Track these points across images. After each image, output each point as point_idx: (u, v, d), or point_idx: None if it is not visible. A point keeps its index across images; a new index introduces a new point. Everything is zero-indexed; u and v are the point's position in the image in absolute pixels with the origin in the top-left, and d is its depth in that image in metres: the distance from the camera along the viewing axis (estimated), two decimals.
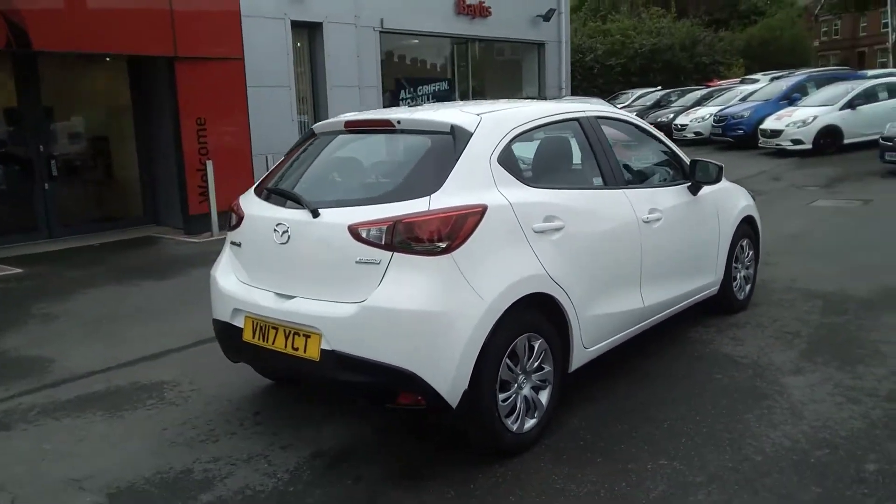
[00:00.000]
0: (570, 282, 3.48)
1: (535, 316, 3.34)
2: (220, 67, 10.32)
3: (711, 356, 4.49)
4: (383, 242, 3.07)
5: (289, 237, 3.35)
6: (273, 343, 3.39)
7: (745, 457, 3.23)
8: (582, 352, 3.67)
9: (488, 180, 3.29)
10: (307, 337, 3.24)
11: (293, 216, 3.38)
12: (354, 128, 3.82)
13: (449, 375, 3.01)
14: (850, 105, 16.15)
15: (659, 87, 25.22)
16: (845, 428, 3.45)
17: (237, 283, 3.66)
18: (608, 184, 3.99)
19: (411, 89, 15.13)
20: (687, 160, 4.70)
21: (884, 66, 42.17)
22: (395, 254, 3.05)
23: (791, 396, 3.83)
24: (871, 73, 21.58)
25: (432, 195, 3.13)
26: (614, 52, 30.00)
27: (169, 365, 4.88)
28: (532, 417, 3.40)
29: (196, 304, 6.30)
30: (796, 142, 15.76)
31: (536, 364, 3.40)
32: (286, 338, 3.33)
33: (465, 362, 3.04)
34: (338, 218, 3.22)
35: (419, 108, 3.84)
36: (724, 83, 25.07)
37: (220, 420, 3.92)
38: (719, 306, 5.13)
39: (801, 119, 16.03)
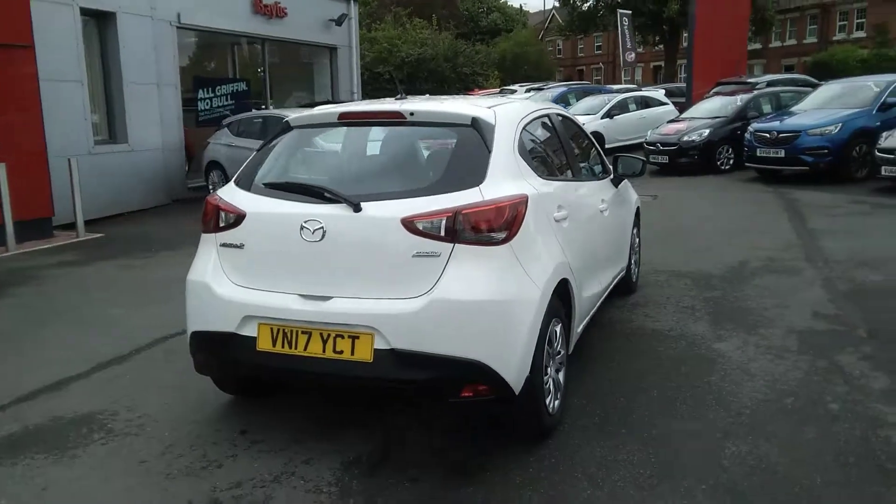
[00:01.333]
0: (575, 267, 3.68)
1: (557, 301, 3.49)
2: (7, 55, 8.93)
3: (642, 332, 4.96)
4: (443, 234, 3.01)
5: (324, 234, 3.13)
6: (305, 349, 3.14)
7: (738, 411, 3.68)
8: (575, 334, 3.89)
9: (517, 171, 3.37)
10: (354, 338, 3.06)
11: (328, 211, 3.16)
12: (351, 119, 3.65)
13: (515, 363, 3.05)
14: (609, 115, 18.43)
15: (427, 95, 26.39)
16: (791, 378, 4.06)
17: (242, 289, 3.31)
18: (575, 176, 4.27)
19: (209, 89, 14.24)
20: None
21: (599, 82, 49.27)
22: (456, 245, 3.01)
23: (732, 359, 4.39)
24: (615, 87, 24.72)
25: (481, 186, 3.14)
26: (382, 59, 30.78)
27: (79, 394, 4.22)
28: (556, 398, 3.54)
29: (58, 325, 5.52)
30: None
31: (557, 347, 3.55)
32: (324, 342, 3.11)
33: (528, 349, 3.09)
34: (385, 211, 3.09)
35: (408, 100, 3.77)
36: (483, 92, 26.93)
37: (205, 444, 3.51)
38: (622, 288, 5.66)
39: None
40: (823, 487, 2.96)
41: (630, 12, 31.85)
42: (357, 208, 3.10)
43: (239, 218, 3.35)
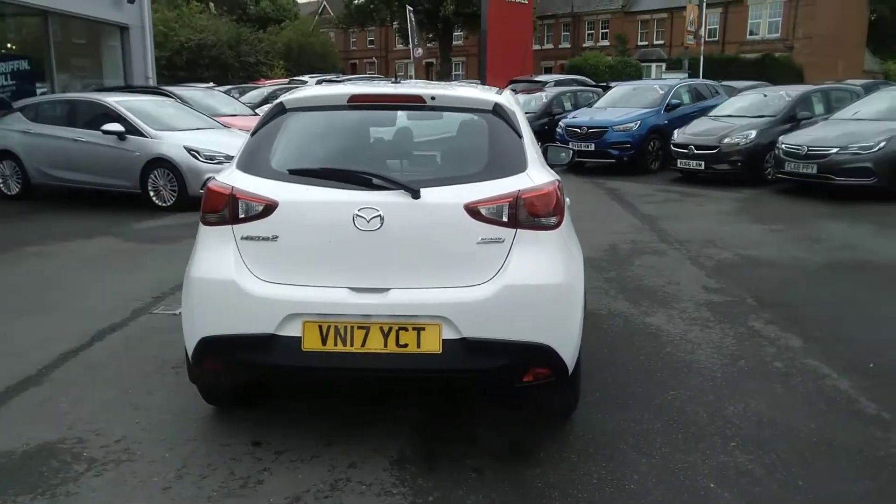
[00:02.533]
0: None
1: None
2: None
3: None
4: (506, 220, 3.01)
5: (382, 222, 2.96)
6: (363, 345, 2.96)
7: (710, 376, 4.09)
8: None
9: (540, 158, 3.45)
10: (420, 330, 2.94)
11: (386, 199, 2.99)
12: (365, 103, 3.45)
13: (573, 344, 3.13)
14: None
15: (211, 84, 24.98)
16: (729, 344, 4.58)
17: (279, 285, 3.02)
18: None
19: None
20: None
21: (372, 76, 50.19)
22: (518, 230, 3.03)
23: (670, 332, 4.84)
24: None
25: (527, 172, 3.17)
26: (157, 44, 28.49)
27: (27, 422, 3.54)
28: None
29: None
30: None
31: None
32: (384, 336, 2.95)
33: (580, 331, 3.20)
34: (446, 198, 3.00)
35: (407, 83, 3.65)
36: (270, 82, 26.09)
37: (223, 461, 3.16)
38: None
39: None
40: (821, 432, 3.41)
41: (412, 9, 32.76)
42: (416, 195, 2.98)
43: (269, 208, 3.04)
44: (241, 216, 3.08)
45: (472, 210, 2.99)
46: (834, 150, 9.94)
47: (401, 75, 4.90)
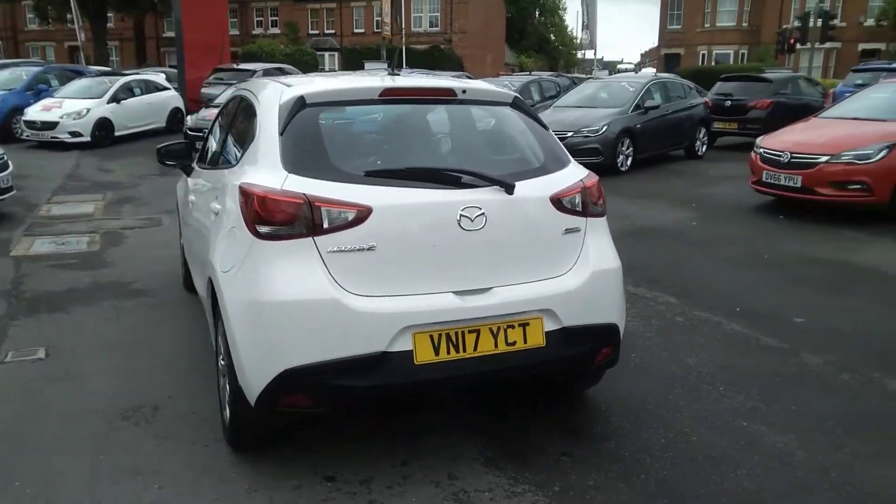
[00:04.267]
0: None
1: None
2: None
3: None
4: (580, 209, 3.13)
5: (485, 220, 2.85)
6: (476, 349, 2.85)
7: (689, 342, 4.64)
8: None
9: None
10: (524, 325, 2.94)
11: (485, 196, 2.89)
12: (398, 97, 3.21)
13: (623, 322, 3.37)
14: (116, 99, 16.90)
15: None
16: (674, 304, 5.21)
17: (384, 298, 2.75)
18: None
19: None
20: None
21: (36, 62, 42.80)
22: (588, 218, 3.17)
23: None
24: (95, 69, 22.47)
25: (573, 163, 3.32)
26: None
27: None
28: None
29: None
30: (75, 134, 15.57)
31: None
32: (494, 336, 2.88)
33: None
34: (534, 191, 3.01)
35: (410, 74, 3.47)
36: None
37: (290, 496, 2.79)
38: None
39: (75, 111, 15.85)
40: (807, 381, 4.04)
41: None
42: (511, 190, 2.94)
43: (362, 215, 2.74)
44: (327, 227, 2.72)
45: (556, 202, 3.06)
46: (570, 134, 11.39)
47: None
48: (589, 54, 58.59)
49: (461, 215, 2.84)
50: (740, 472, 3.04)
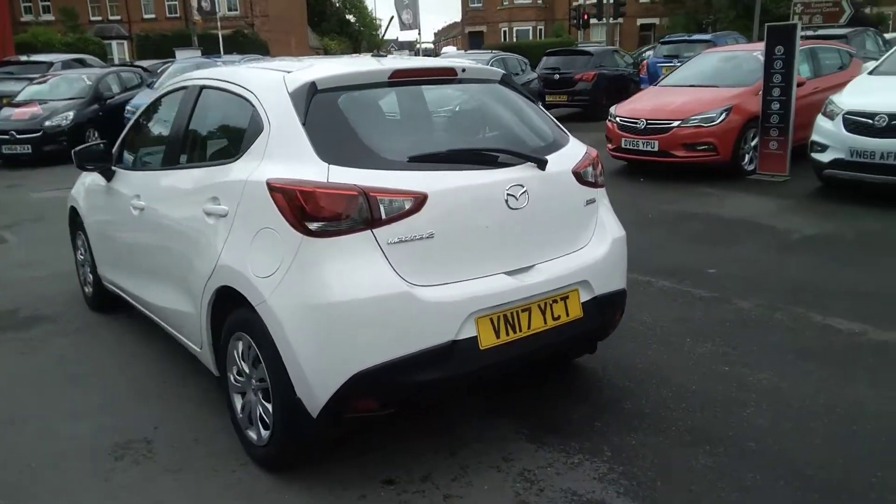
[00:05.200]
0: None
1: None
2: None
3: None
4: (593, 181, 3.26)
5: (528, 198, 2.88)
6: (529, 328, 2.89)
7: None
8: None
9: None
10: (565, 299, 3.02)
11: (525, 173, 2.92)
12: (405, 78, 3.11)
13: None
14: None
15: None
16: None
17: (446, 286, 2.70)
18: None
19: None
20: None
21: None
22: (598, 189, 3.30)
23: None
24: None
25: (571, 136, 3.43)
26: None
27: None
28: None
29: None
30: None
31: None
32: (543, 312, 2.94)
33: None
34: (560, 165, 3.09)
35: (389, 57, 3.36)
36: None
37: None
38: None
39: None
40: (750, 323, 4.56)
41: None
42: (543, 165, 2.99)
43: (419, 202, 2.65)
44: (385, 217, 2.61)
45: (578, 175, 3.16)
46: None
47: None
48: (393, 34, 59.04)
49: (508, 194, 2.86)
50: (749, 411, 3.36)
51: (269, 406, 2.85)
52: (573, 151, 3.26)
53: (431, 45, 73.15)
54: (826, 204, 7.48)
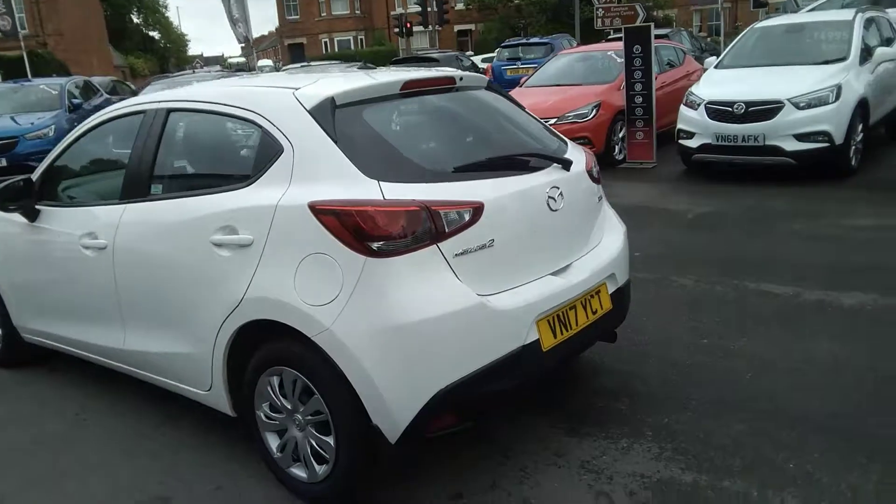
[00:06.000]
0: None
1: None
2: None
3: None
4: (597, 177, 3.37)
5: (563, 199, 2.92)
6: (576, 325, 2.93)
7: None
8: None
9: None
10: (598, 293, 3.10)
11: (557, 175, 2.97)
12: (415, 89, 3.01)
13: None
14: None
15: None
16: None
17: (509, 293, 2.67)
18: None
19: None
20: None
21: None
22: (600, 185, 3.42)
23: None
24: None
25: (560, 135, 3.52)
26: None
27: None
28: None
29: None
30: None
31: None
32: (584, 309, 3.00)
33: None
34: (578, 165, 3.15)
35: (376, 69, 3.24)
36: None
37: None
38: None
39: None
40: (702, 299, 4.86)
41: None
42: (568, 166, 3.04)
43: (477, 212, 2.59)
44: (448, 230, 2.53)
45: (590, 173, 3.26)
46: None
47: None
48: (197, 49, 56.61)
49: (548, 196, 2.88)
50: (748, 376, 3.62)
51: (330, 439, 2.67)
52: (576, 151, 3.35)
53: (243, 59, 70.83)
54: (699, 185, 8.20)
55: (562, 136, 3.51)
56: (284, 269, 2.62)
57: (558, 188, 2.95)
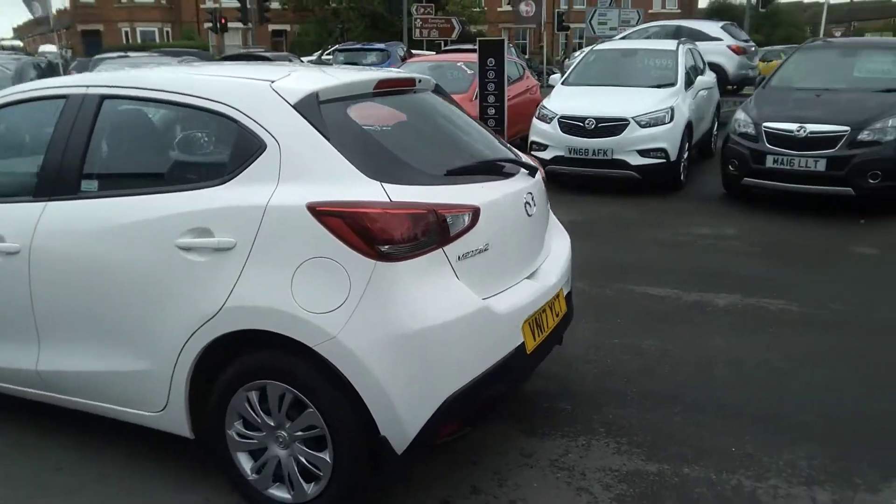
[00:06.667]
0: None
1: None
2: None
3: None
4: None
5: (535, 204, 3.00)
6: (547, 328, 3.02)
7: None
8: None
9: None
10: (558, 297, 3.20)
11: (531, 182, 3.06)
12: (387, 89, 2.96)
13: None
14: None
15: None
16: None
17: (500, 295, 2.72)
18: None
19: None
20: None
21: None
22: None
23: None
24: None
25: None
26: None
27: None
28: None
29: None
30: None
31: None
32: (552, 311, 3.10)
33: None
34: (532, 166, 3.23)
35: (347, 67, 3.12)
36: None
37: None
38: None
39: None
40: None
41: None
42: (534, 172, 3.13)
43: (475, 216, 2.59)
44: (453, 234, 2.52)
45: (544, 179, 3.37)
46: None
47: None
48: None
49: (525, 202, 2.95)
50: (666, 370, 3.94)
51: (325, 455, 2.54)
52: (528, 156, 3.46)
53: (19, 42, 63.45)
54: (559, 195, 8.68)
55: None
56: (277, 274, 2.45)
57: (531, 193, 3.04)
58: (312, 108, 2.59)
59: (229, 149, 2.65)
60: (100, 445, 3.18)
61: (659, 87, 8.96)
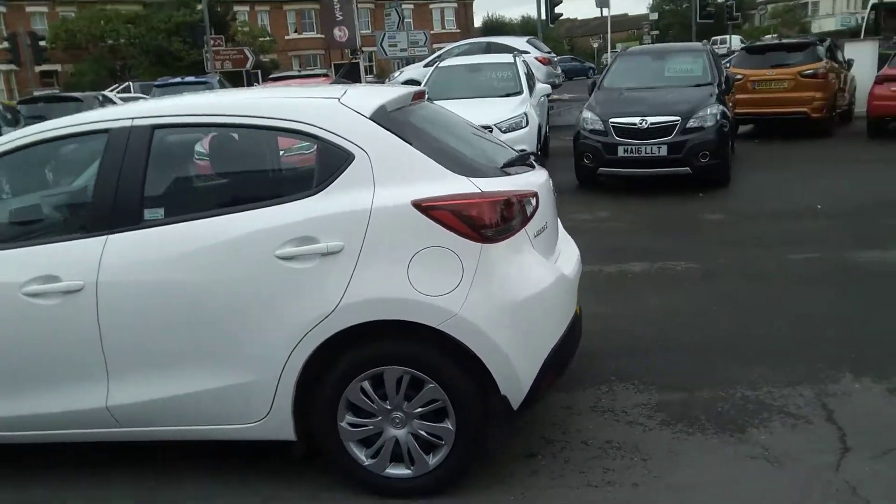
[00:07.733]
0: None
1: None
2: None
3: None
4: None
5: (551, 197, 3.45)
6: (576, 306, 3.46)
7: None
8: None
9: None
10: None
11: (546, 173, 3.45)
12: (417, 101, 3.32)
13: None
14: None
15: None
16: None
17: (563, 268, 3.14)
18: None
19: None
20: None
21: None
22: None
23: None
24: None
25: None
26: None
27: None
28: None
29: None
30: None
31: None
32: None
33: None
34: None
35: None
36: None
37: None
38: None
39: None
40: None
41: None
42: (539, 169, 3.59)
43: (538, 200, 3.00)
44: (528, 215, 2.92)
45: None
46: None
47: None
48: None
49: (550, 189, 3.41)
50: (645, 331, 4.57)
51: (447, 423, 2.80)
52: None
53: None
54: None
55: None
56: (393, 267, 2.70)
57: (549, 186, 3.50)
58: (385, 118, 2.87)
59: (315, 162, 2.84)
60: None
61: (508, 95, 9.81)
